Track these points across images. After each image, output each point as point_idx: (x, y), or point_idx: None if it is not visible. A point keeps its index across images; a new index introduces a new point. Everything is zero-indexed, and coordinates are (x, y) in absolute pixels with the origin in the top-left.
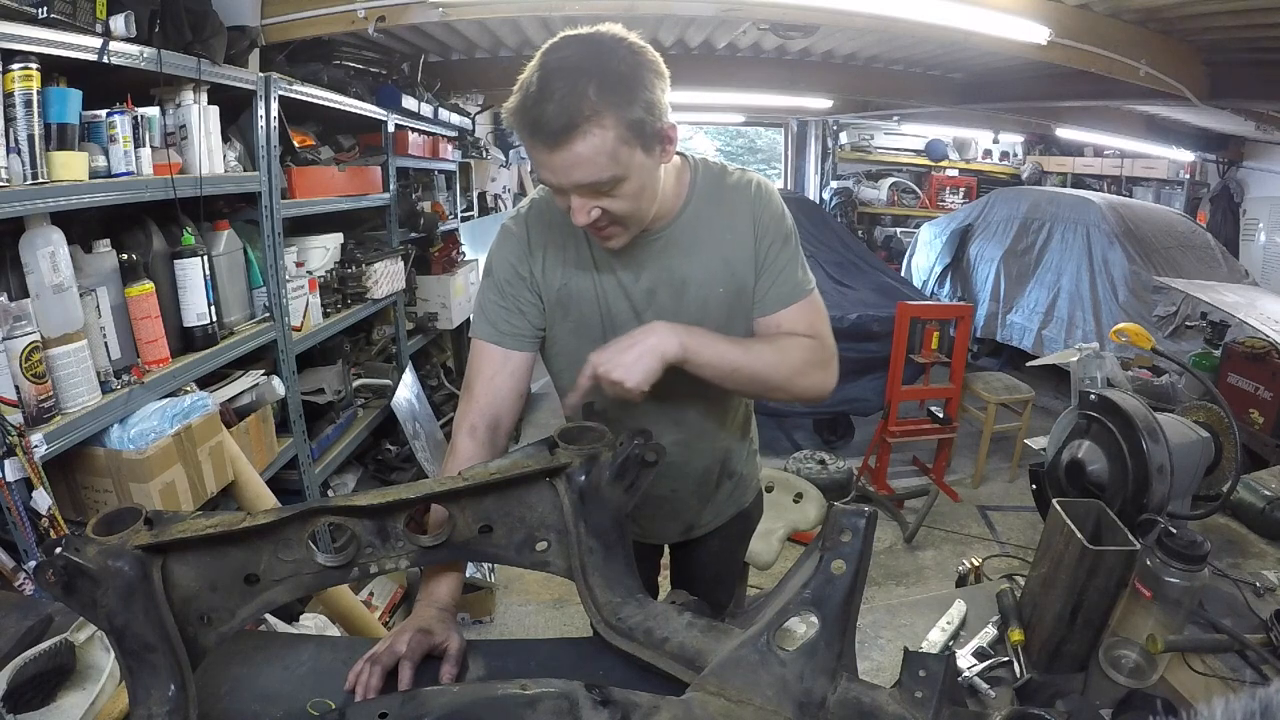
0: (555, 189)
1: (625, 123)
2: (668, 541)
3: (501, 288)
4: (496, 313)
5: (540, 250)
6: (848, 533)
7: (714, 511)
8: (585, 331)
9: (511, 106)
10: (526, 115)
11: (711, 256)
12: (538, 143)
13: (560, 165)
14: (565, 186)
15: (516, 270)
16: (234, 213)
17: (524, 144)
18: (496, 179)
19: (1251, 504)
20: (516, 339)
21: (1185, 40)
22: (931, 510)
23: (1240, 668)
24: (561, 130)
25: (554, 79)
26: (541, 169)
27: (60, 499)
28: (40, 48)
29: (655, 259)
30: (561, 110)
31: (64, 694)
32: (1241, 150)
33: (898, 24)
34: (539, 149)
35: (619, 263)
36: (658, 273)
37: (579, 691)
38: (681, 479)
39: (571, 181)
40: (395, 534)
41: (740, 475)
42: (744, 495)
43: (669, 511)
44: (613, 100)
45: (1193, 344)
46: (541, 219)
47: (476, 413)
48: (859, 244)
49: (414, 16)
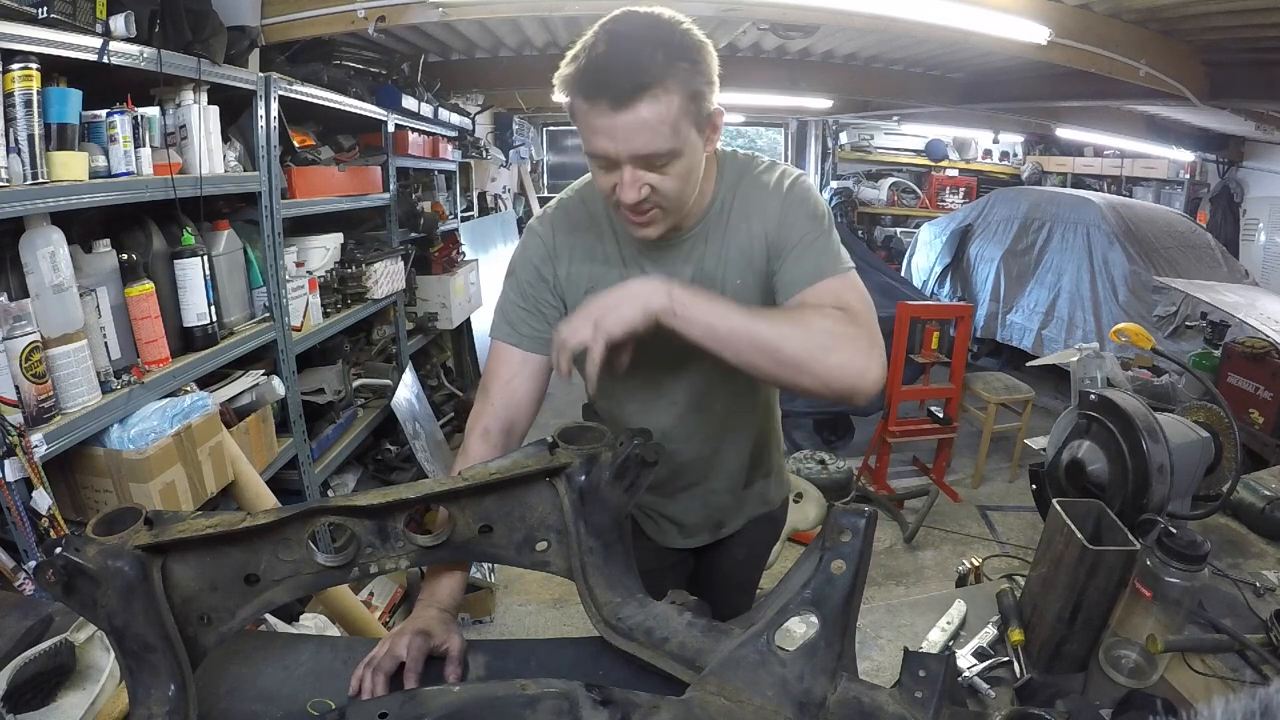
0: (606, 162)
1: (688, 93)
2: (697, 544)
3: (523, 289)
4: (517, 314)
5: (566, 253)
6: (848, 533)
7: (745, 509)
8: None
9: (570, 69)
10: (590, 75)
11: (731, 247)
12: (600, 104)
13: (623, 129)
14: (622, 155)
15: (539, 272)
16: (234, 213)
17: (577, 112)
18: (496, 179)
19: (1251, 504)
20: (536, 341)
21: (1185, 40)
22: (931, 510)
23: (1240, 668)
24: (630, 91)
25: (622, 42)
26: (597, 136)
27: (60, 499)
28: (40, 48)
29: (685, 259)
30: (632, 69)
31: (64, 694)
32: (1241, 150)
33: (898, 24)
34: (600, 112)
35: (650, 263)
36: (683, 273)
37: (579, 691)
38: (714, 472)
39: (631, 150)
40: (395, 534)
41: (773, 470)
42: (774, 494)
43: (701, 507)
44: (680, 67)
45: (1193, 344)
46: (567, 220)
47: (490, 415)
48: (859, 244)
49: (414, 16)
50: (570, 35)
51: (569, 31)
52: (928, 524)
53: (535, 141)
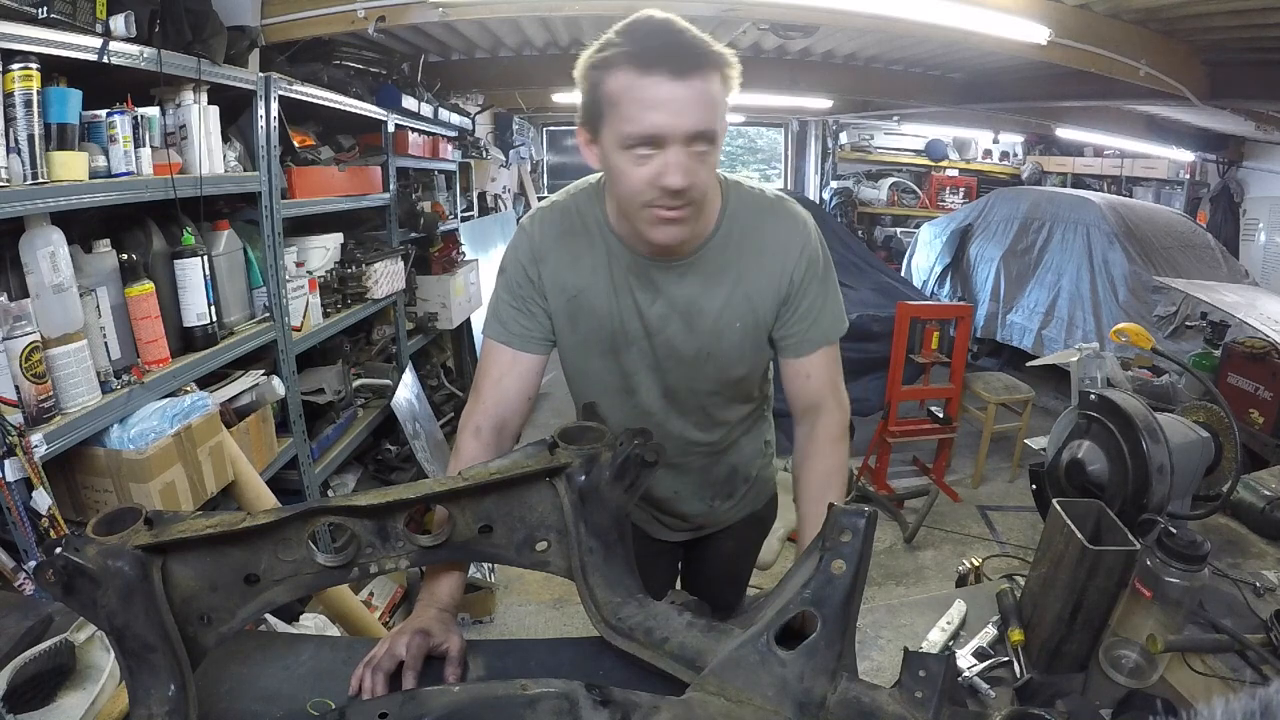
0: (652, 143)
1: (726, 88)
2: (677, 539)
3: (512, 288)
4: (507, 312)
5: (552, 255)
6: (848, 533)
7: (727, 512)
8: (594, 346)
9: (615, 51)
10: (648, 46)
11: (734, 290)
12: (658, 74)
13: (684, 100)
14: (676, 131)
15: (526, 272)
16: (234, 213)
17: (625, 88)
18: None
19: (1251, 504)
20: (526, 340)
21: (1185, 40)
22: (931, 510)
23: (1240, 668)
24: (693, 62)
25: (669, 24)
26: (650, 111)
27: (60, 499)
28: (40, 48)
29: (674, 285)
30: (693, 43)
31: (64, 694)
32: (1241, 150)
33: (898, 24)
34: (657, 83)
35: (636, 282)
36: (673, 299)
37: (579, 691)
38: (696, 483)
39: (687, 124)
40: (395, 534)
41: (755, 479)
42: (759, 498)
43: (677, 510)
44: (725, 59)
45: (1193, 344)
46: (558, 225)
47: (482, 414)
48: (859, 244)
49: (414, 16)
50: (570, 35)
51: (569, 31)
52: (928, 524)
53: (535, 141)
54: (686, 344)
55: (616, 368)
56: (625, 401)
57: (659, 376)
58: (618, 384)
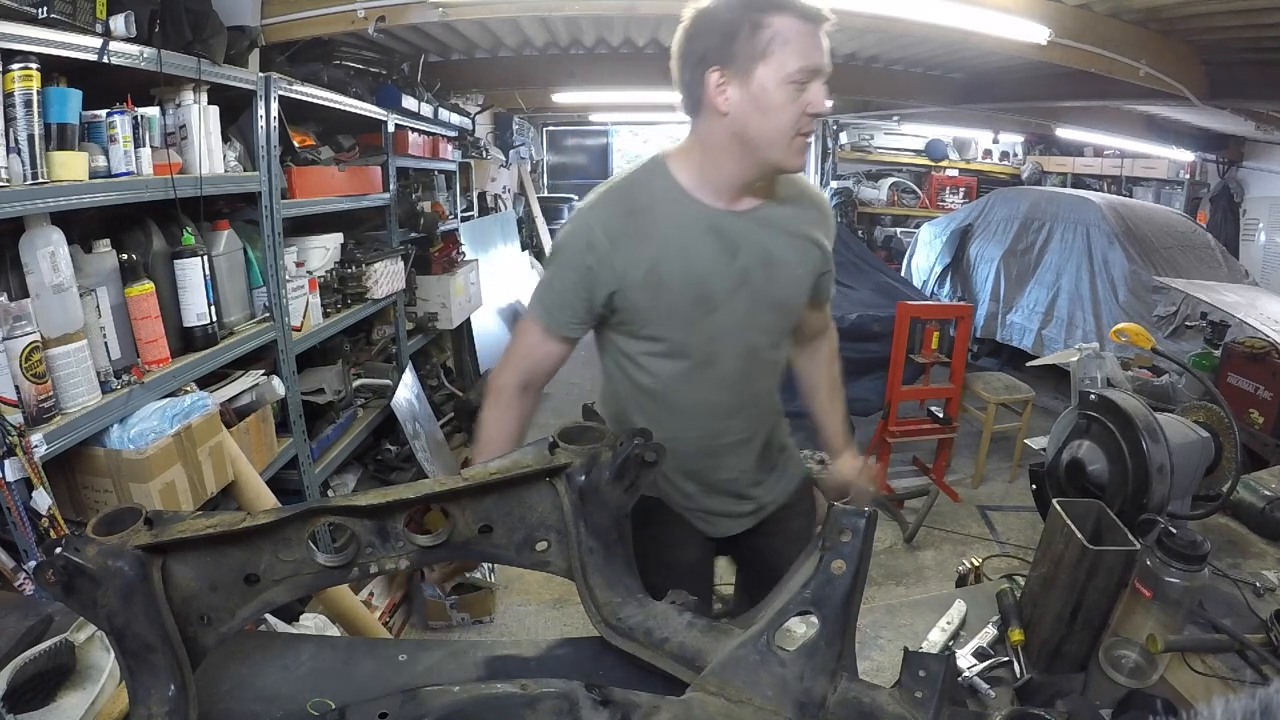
0: (806, 78)
1: None
2: (736, 530)
3: (564, 275)
4: (551, 298)
5: (622, 237)
6: (848, 533)
7: (777, 487)
8: (677, 317)
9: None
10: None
11: (804, 239)
12: (808, 20)
13: (825, 46)
14: (822, 66)
15: (584, 259)
16: (234, 213)
17: (790, 35)
18: (496, 179)
19: (1251, 504)
20: (563, 326)
21: (1185, 40)
22: (931, 510)
23: (1240, 668)
24: (823, 11)
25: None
26: (815, 51)
27: (60, 499)
28: (40, 48)
29: (755, 233)
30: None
31: (64, 694)
32: (1241, 150)
33: (898, 24)
34: (815, 30)
35: (717, 242)
36: (753, 251)
37: (579, 691)
38: (747, 455)
39: (825, 59)
40: (395, 534)
41: (787, 447)
42: (795, 468)
43: (737, 494)
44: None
45: (1193, 344)
46: (624, 204)
47: (509, 373)
48: (859, 244)
49: (414, 16)
50: (570, 35)
51: (569, 31)
52: (928, 524)
53: (535, 141)
54: (770, 294)
55: (700, 336)
56: (701, 376)
57: (742, 338)
58: (700, 355)
